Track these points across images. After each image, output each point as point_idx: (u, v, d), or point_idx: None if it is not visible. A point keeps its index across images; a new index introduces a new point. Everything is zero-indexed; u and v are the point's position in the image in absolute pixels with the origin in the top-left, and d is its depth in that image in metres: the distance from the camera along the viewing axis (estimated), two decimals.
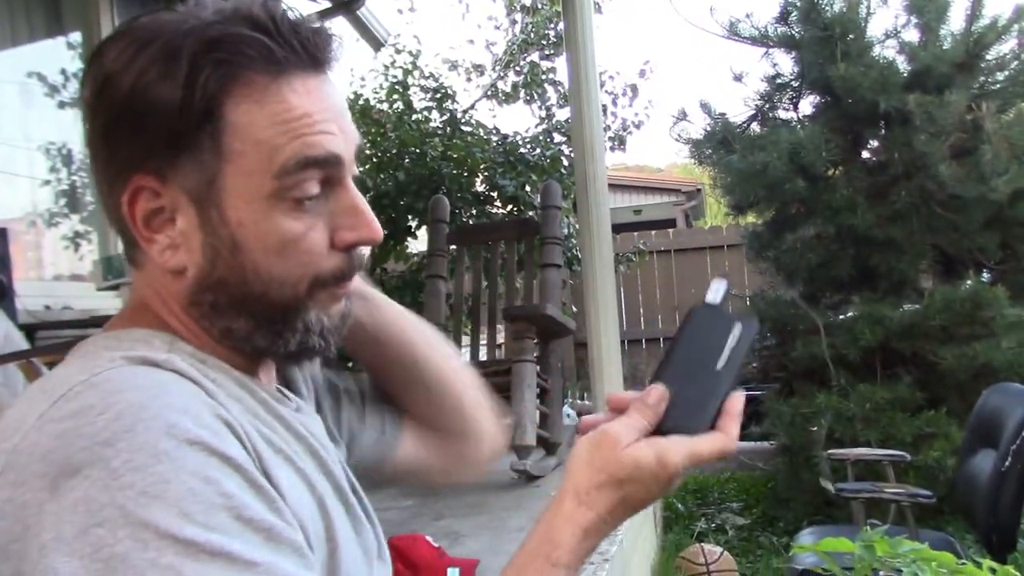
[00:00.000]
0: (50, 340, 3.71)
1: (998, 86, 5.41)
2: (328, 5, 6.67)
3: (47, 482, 0.62)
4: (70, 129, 4.96)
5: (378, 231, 0.83)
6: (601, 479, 0.82)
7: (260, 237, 0.77)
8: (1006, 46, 5.40)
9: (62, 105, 4.97)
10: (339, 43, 0.83)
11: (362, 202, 0.82)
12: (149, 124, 0.75)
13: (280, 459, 0.77)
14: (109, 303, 4.24)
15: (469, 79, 9.03)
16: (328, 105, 0.80)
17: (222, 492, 0.64)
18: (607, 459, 0.82)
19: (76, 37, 5.02)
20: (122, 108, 0.75)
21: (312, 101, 0.78)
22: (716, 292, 0.87)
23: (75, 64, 4.99)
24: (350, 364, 1.11)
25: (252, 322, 0.80)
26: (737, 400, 0.83)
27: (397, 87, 8.27)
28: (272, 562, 0.65)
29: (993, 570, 1.09)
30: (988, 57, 5.41)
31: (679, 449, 0.81)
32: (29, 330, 3.56)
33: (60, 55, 4.99)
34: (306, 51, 0.78)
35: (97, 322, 3.67)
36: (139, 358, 0.71)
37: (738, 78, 5.93)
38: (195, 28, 0.75)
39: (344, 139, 0.80)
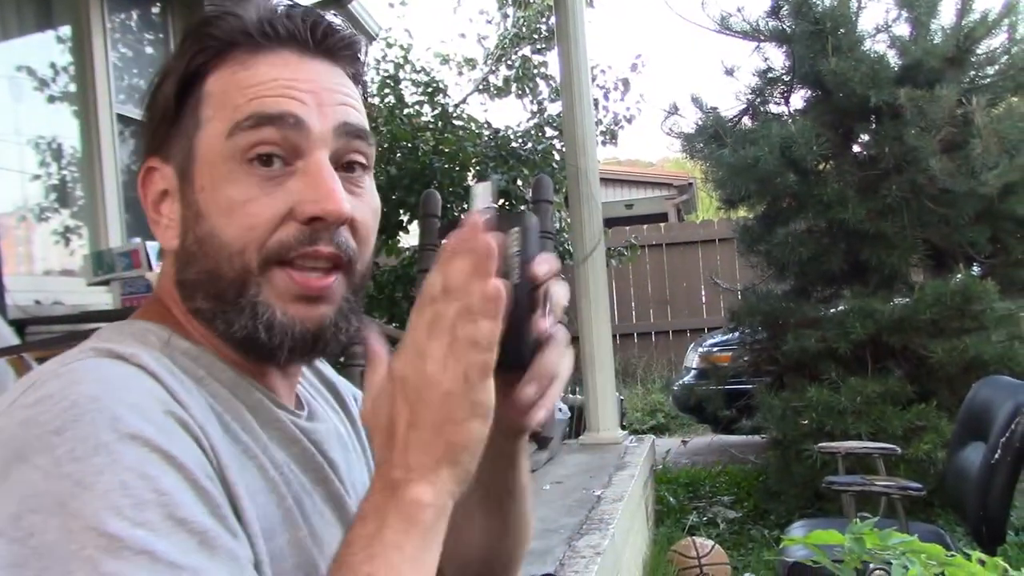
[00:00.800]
0: (40, 335, 3.70)
1: (988, 80, 5.42)
2: None
3: (2, 466, 0.63)
4: (60, 123, 4.94)
5: (341, 204, 0.77)
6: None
7: (215, 199, 0.77)
8: (996, 40, 5.41)
9: (52, 99, 4.95)
10: (351, 36, 0.83)
11: (329, 176, 0.78)
12: (158, 106, 0.81)
13: (249, 464, 0.75)
14: (100, 298, 4.23)
15: (460, 73, 9.03)
16: (306, 77, 0.79)
17: (156, 489, 0.62)
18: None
19: (66, 31, 5.00)
20: (150, 96, 0.82)
21: (286, 71, 0.79)
22: (484, 197, 0.77)
23: (65, 58, 4.97)
24: None
25: (211, 300, 0.79)
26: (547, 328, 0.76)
27: (388, 81, 8.26)
28: (200, 567, 0.61)
29: (982, 562, 1.10)
30: (978, 51, 5.42)
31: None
32: (19, 325, 3.55)
33: (50, 49, 4.97)
34: (295, 32, 0.80)
35: (88, 317, 3.66)
36: (106, 351, 0.71)
37: (729, 72, 5.93)
38: (201, 15, 0.82)
39: (319, 112, 0.78)
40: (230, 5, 0.81)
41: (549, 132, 8.20)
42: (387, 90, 8.22)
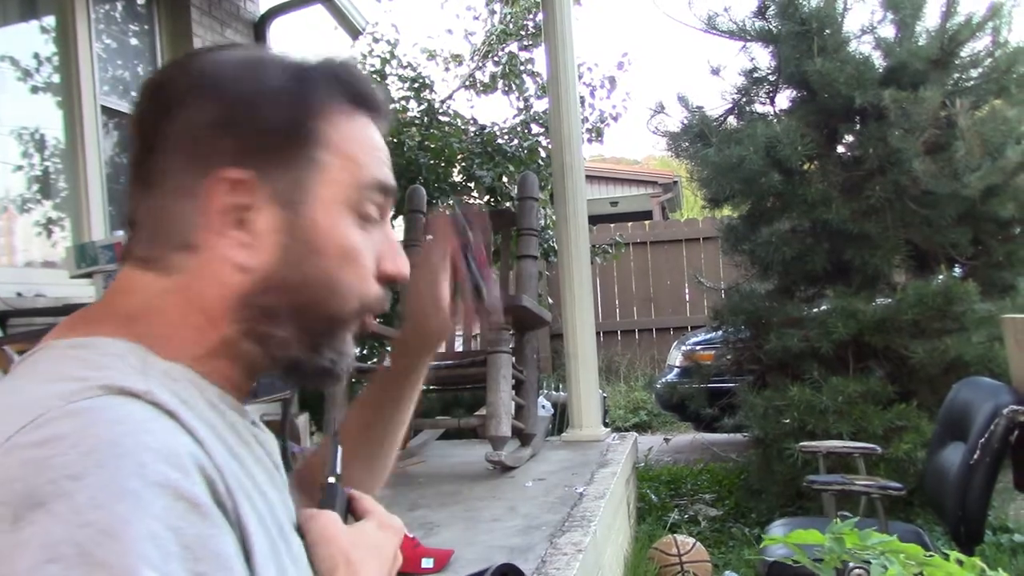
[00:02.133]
0: (22, 328, 3.68)
1: (972, 83, 5.45)
2: None
3: (9, 511, 0.59)
4: (43, 114, 4.91)
5: (408, 271, 0.90)
6: (361, 555, 0.85)
7: (337, 243, 0.82)
8: (980, 43, 5.44)
9: (35, 90, 4.91)
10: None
11: (397, 240, 0.90)
12: (254, 125, 0.80)
13: (251, 496, 0.75)
14: (83, 291, 4.21)
15: (447, 69, 9.02)
16: (386, 150, 0.89)
17: (182, 542, 0.61)
18: (355, 540, 0.86)
19: (50, 21, 4.97)
20: (227, 106, 0.80)
21: (381, 141, 0.88)
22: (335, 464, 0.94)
23: (49, 48, 4.94)
24: None
25: (298, 331, 0.82)
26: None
27: (374, 76, 8.24)
28: None
29: (960, 562, 1.11)
30: (962, 54, 5.45)
31: (377, 510, 0.91)
32: (0, 317, 3.53)
33: (34, 39, 4.93)
34: (380, 105, 0.88)
35: (70, 310, 3.64)
36: (118, 388, 0.68)
37: (715, 72, 5.95)
38: (324, 60, 0.85)
39: (393, 182, 0.88)
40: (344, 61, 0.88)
41: (535, 129, 8.21)
42: (374, 86, 8.20)
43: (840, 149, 5.75)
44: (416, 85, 8.19)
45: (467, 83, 8.88)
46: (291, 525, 0.83)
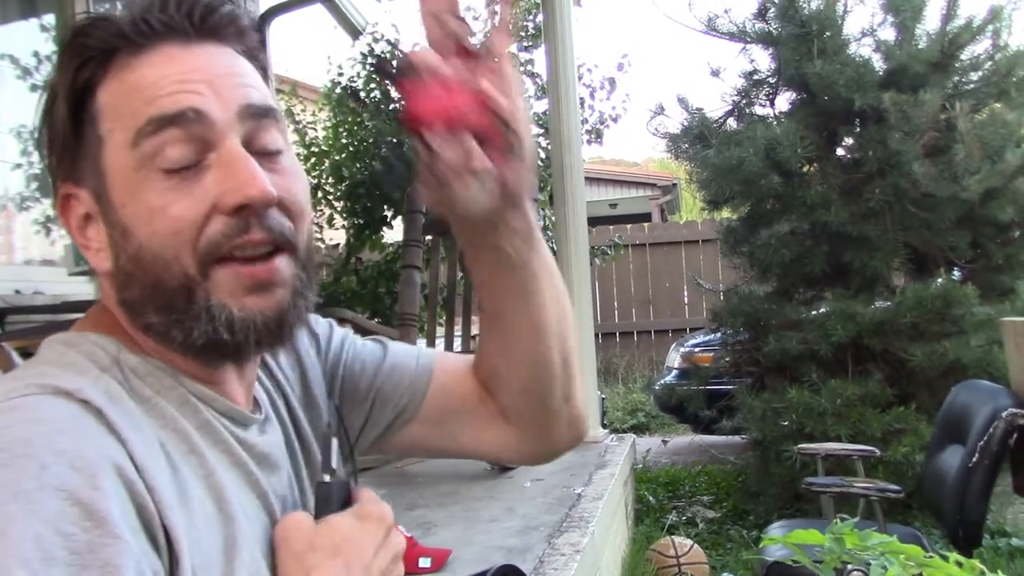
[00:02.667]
0: (21, 325, 3.67)
1: (972, 86, 5.45)
2: None
3: None
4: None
5: (264, 186, 0.76)
6: (314, 558, 0.78)
7: (136, 212, 0.75)
8: (980, 47, 5.44)
9: (35, 88, 4.91)
10: (231, 12, 0.80)
11: (244, 161, 0.76)
12: (56, 131, 0.78)
13: (192, 493, 0.72)
14: (81, 288, 4.21)
15: None
16: (196, 67, 0.77)
17: (69, 547, 0.59)
18: (310, 540, 0.79)
19: (50, 19, 4.97)
20: (43, 122, 0.80)
21: (173, 66, 0.76)
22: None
23: (48, 46, 4.93)
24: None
25: (162, 314, 0.76)
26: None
27: (375, 76, 8.23)
28: None
29: (960, 563, 1.11)
30: (962, 57, 5.45)
31: (368, 498, 0.85)
32: None
33: (33, 37, 4.93)
34: (172, 22, 0.77)
35: (69, 307, 3.64)
36: (51, 387, 0.68)
37: (715, 73, 5.95)
38: (74, 26, 0.79)
39: (218, 99, 0.76)
40: (100, 11, 0.81)
41: (535, 130, 8.19)
42: (373, 85, 8.20)
43: (840, 151, 5.75)
44: None
45: None
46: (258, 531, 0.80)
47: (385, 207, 7.46)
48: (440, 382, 1.02)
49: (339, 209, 7.92)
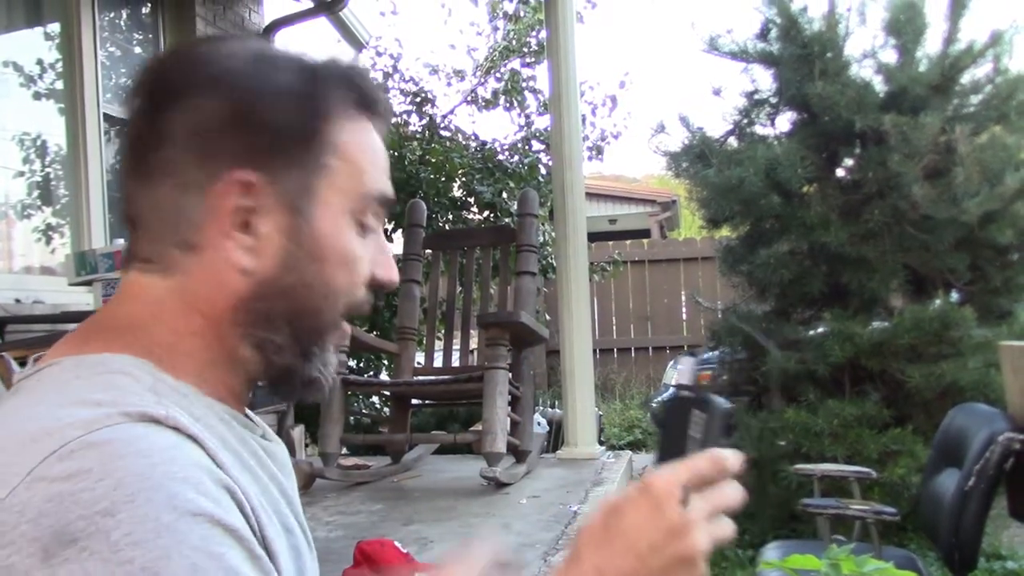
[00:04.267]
0: (20, 335, 3.68)
1: (972, 109, 5.47)
2: (311, 5, 6.66)
3: (38, 547, 0.59)
4: (46, 121, 4.92)
5: (397, 279, 0.89)
6: (588, 521, 0.77)
7: (338, 250, 0.81)
8: (981, 70, 5.46)
9: (38, 96, 4.93)
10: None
11: (390, 249, 0.89)
12: (266, 125, 0.78)
13: (271, 513, 0.75)
14: (81, 298, 4.21)
15: (449, 84, 9.04)
16: (386, 157, 0.87)
17: (224, 567, 0.62)
18: (600, 507, 0.78)
19: (55, 28, 4.99)
20: (240, 103, 0.77)
21: (383, 148, 0.86)
22: (685, 374, 0.87)
23: (52, 55, 4.95)
24: None
25: (292, 337, 0.80)
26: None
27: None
28: None
29: None
30: (963, 81, 5.47)
31: (659, 470, 0.76)
32: None
33: (37, 45, 4.95)
34: (385, 109, 0.87)
35: (69, 318, 3.64)
36: (138, 414, 0.66)
37: (717, 93, 5.96)
38: (331, 61, 0.83)
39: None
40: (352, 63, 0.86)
41: (536, 145, 8.23)
42: None
43: (840, 172, 5.77)
44: (418, 99, 8.22)
45: (469, 98, 8.90)
46: (304, 536, 0.83)
47: (386, 220, 7.47)
48: None
49: None
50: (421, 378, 5.06)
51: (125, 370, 0.72)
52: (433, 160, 7.45)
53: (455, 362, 5.35)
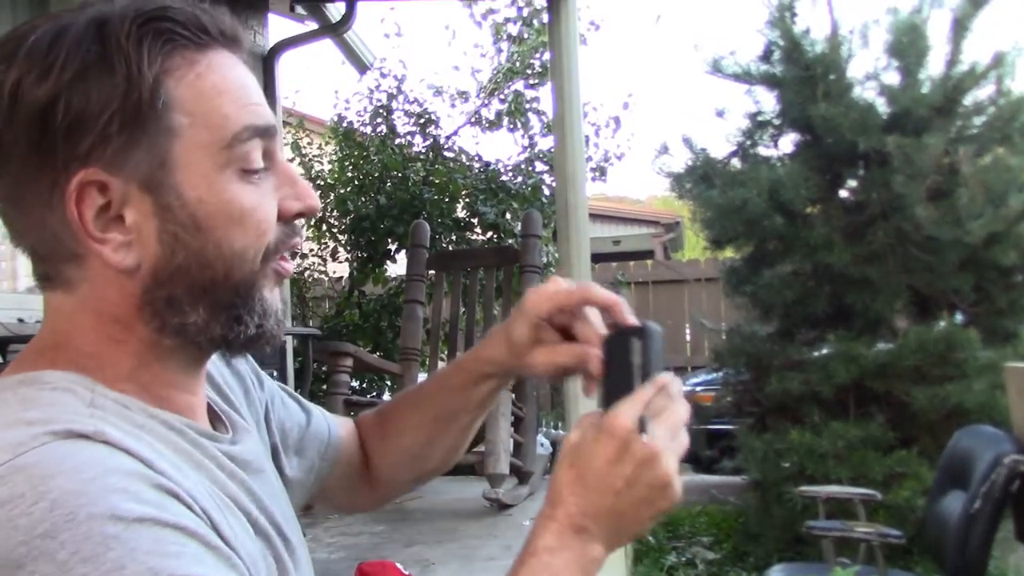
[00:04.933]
0: None
1: (975, 131, 5.48)
2: (316, 27, 6.70)
3: None
4: None
5: (317, 201, 0.83)
6: (558, 470, 0.80)
7: (222, 210, 0.74)
8: (983, 92, 5.48)
9: None
10: (240, 28, 0.80)
11: (298, 174, 0.82)
12: (91, 113, 0.70)
13: (227, 508, 0.74)
14: None
15: (453, 105, 9.06)
16: (251, 80, 0.79)
17: (184, 563, 0.60)
18: (563, 453, 0.81)
19: None
20: (51, 102, 0.69)
21: (241, 74, 0.78)
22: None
23: None
24: None
25: (211, 310, 0.76)
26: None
27: (381, 111, 8.30)
28: None
29: None
30: (966, 102, 5.49)
31: (615, 409, 0.79)
32: (1, 344, 3.53)
33: None
34: (221, 30, 0.77)
35: None
36: (64, 432, 0.64)
37: (720, 114, 5.98)
38: (122, 7, 0.73)
39: (267, 109, 0.79)
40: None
41: (540, 166, 8.24)
42: (379, 119, 8.26)
43: (843, 194, 5.78)
44: (422, 120, 8.24)
45: (473, 120, 8.92)
46: (283, 543, 0.82)
47: (389, 241, 7.48)
48: (344, 454, 1.10)
49: (343, 242, 7.94)
50: None
51: (64, 386, 0.71)
52: (437, 181, 7.46)
53: None
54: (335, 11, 6.65)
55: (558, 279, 0.94)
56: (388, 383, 6.96)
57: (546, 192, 7.70)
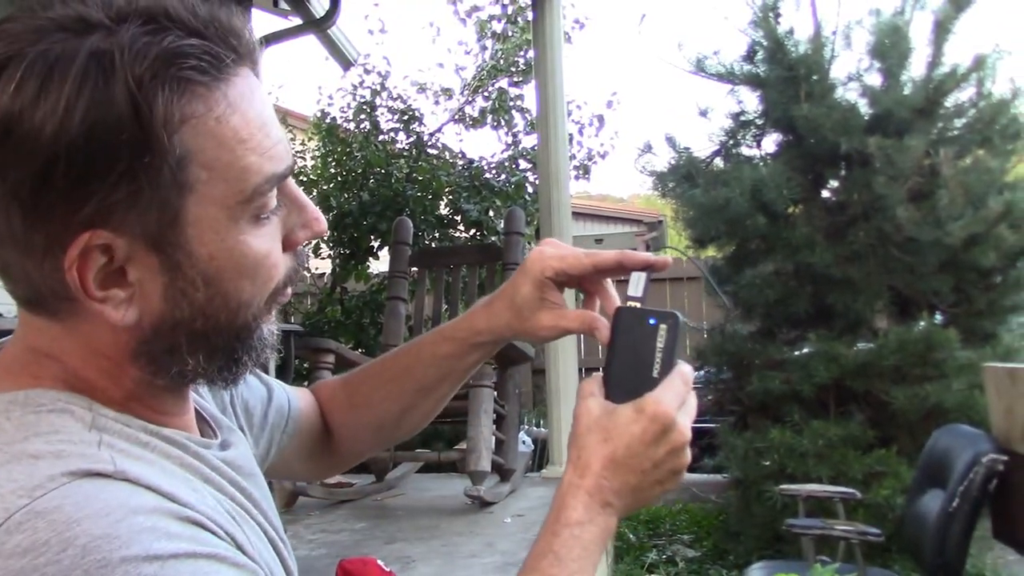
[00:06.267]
0: None
1: (956, 133, 5.51)
2: (300, 23, 6.67)
3: None
4: None
5: (325, 225, 0.80)
6: (587, 440, 0.82)
7: (234, 265, 0.70)
8: (965, 94, 5.51)
9: None
10: (250, 26, 0.73)
11: (304, 196, 0.77)
12: (95, 173, 0.62)
13: (242, 520, 0.74)
14: None
15: (437, 102, 9.06)
16: (269, 109, 0.72)
17: None
18: (590, 424, 0.82)
19: None
20: (50, 156, 0.61)
21: (260, 106, 0.70)
22: (637, 286, 0.89)
23: None
24: None
25: (210, 356, 0.73)
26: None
27: (365, 107, 8.28)
28: None
29: None
30: (947, 104, 5.51)
31: (654, 395, 0.81)
32: None
33: None
34: (237, 45, 0.69)
35: None
36: (83, 472, 0.61)
37: (703, 114, 5.99)
38: (120, 42, 0.63)
39: (286, 142, 0.74)
40: (153, 16, 0.65)
41: (523, 164, 8.25)
42: (363, 116, 8.24)
43: (825, 194, 5.80)
44: (406, 117, 8.23)
45: (456, 117, 8.92)
46: (282, 544, 0.83)
47: (372, 237, 7.47)
48: (304, 424, 1.10)
49: (326, 239, 7.93)
50: None
51: (61, 407, 0.67)
52: (420, 178, 7.46)
53: None
54: (319, 6, 6.62)
55: (555, 241, 0.95)
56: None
57: (529, 190, 7.71)
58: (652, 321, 0.85)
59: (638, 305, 0.87)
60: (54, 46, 0.62)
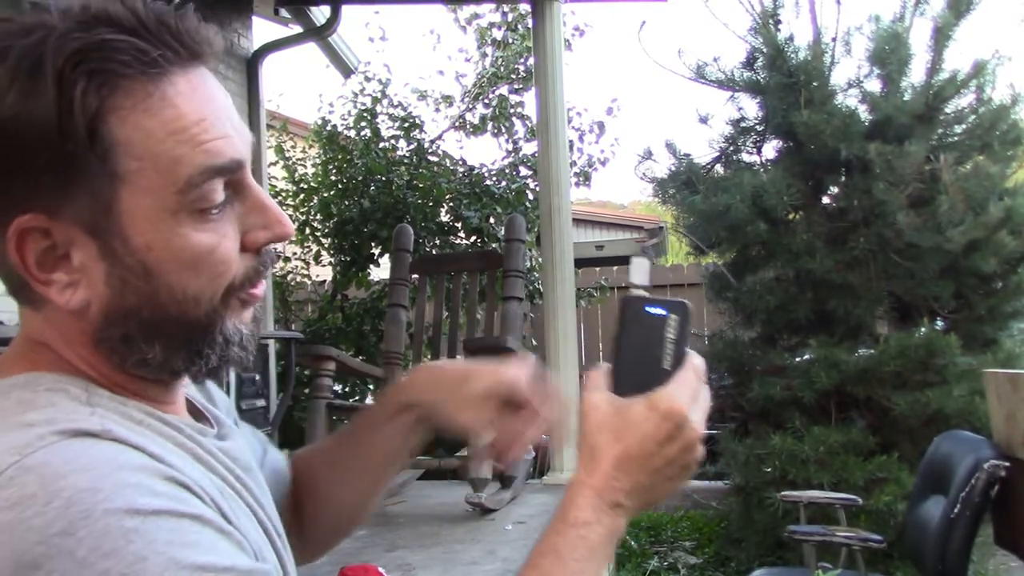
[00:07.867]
0: None
1: (956, 138, 5.51)
2: (300, 31, 6.69)
3: None
4: None
5: (289, 225, 0.79)
6: (598, 437, 0.81)
7: (173, 257, 0.71)
8: (964, 100, 5.51)
9: None
10: (213, 30, 0.74)
11: (268, 198, 0.77)
12: (23, 158, 0.67)
13: (231, 498, 0.75)
14: None
15: (437, 109, 9.07)
16: (217, 103, 0.73)
17: (202, 551, 0.62)
18: (600, 421, 0.82)
19: None
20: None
21: (202, 102, 0.72)
22: (640, 273, 0.89)
23: None
24: None
25: (169, 347, 0.74)
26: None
27: (365, 114, 8.29)
28: None
29: None
30: (947, 110, 5.52)
31: (667, 391, 0.81)
32: None
33: None
34: (181, 44, 0.71)
35: None
36: (71, 431, 0.64)
37: (704, 120, 6.00)
38: (52, 39, 0.66)
39: (239, 138, 0.75)
40: (90, 17, 0.68)
41: (523, 171, 8.25)
42: (363, 123, 8.25)
43: (825, 200, 5.80)
44: (406, 125, 8.24)
45: (457, 124, 8.93)
46: (280, 525, 0.84)
47: (372, 244, 7.48)
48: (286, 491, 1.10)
49: (326, 246, 7.94)
50: None
51: (58, 387, 0.70)
52: (420, 185, 7.47)
53: None
54: (320, 14, 6.64)
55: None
56: (371, 387, 6.95)
57: (530, 197, 7.71)
58: (662, 311, 0.83)
59: (645, 294, 0.85)
60: (8, 33, 0.68)
